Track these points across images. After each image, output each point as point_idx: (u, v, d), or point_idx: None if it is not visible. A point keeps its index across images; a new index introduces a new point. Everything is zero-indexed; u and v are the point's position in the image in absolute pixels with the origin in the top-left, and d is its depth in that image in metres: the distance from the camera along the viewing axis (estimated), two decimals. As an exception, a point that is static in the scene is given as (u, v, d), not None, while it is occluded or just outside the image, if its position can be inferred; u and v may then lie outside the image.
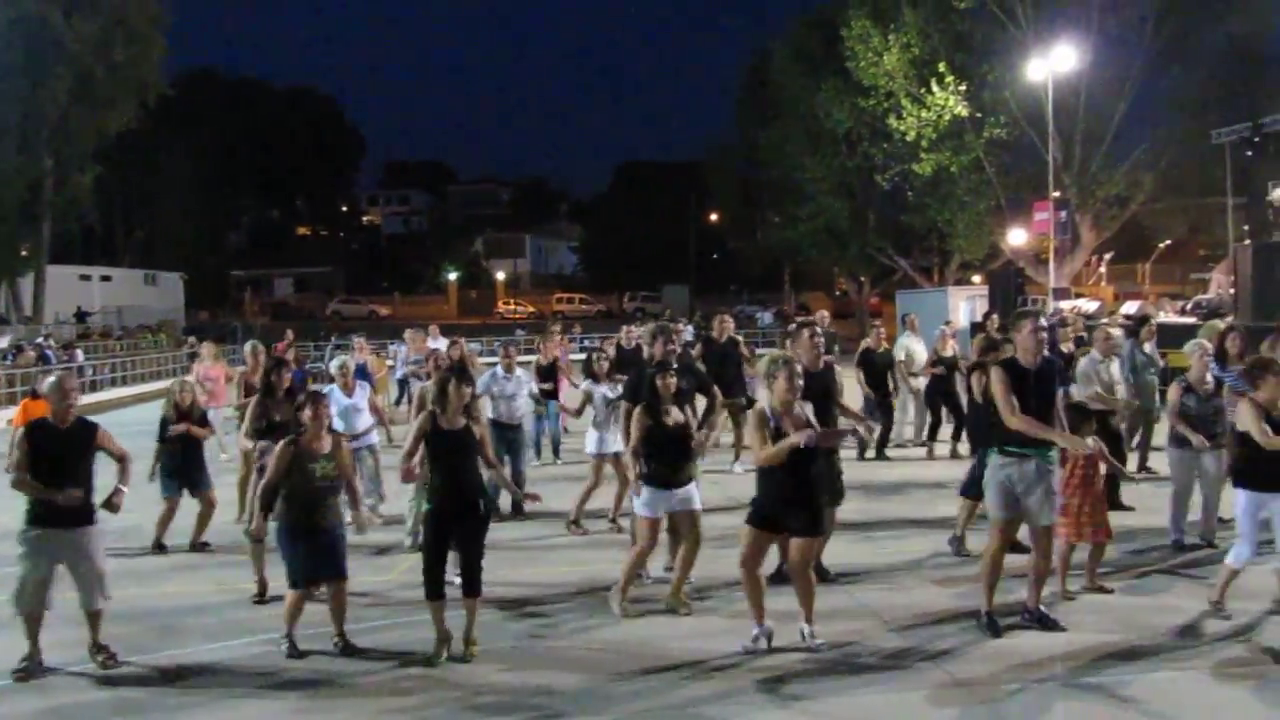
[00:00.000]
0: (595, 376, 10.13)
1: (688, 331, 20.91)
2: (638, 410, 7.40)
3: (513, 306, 70.49)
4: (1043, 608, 6.74)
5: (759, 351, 18.17)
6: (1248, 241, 22.86)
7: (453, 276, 77.15)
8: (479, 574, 6.47)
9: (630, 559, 7.33)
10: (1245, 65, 32.04)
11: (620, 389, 9.24)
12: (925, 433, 14.06)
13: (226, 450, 13.47)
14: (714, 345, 12.76)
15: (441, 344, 15.20)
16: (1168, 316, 22.27)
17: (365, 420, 10.26)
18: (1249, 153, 27.87)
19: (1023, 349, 6.62)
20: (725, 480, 12.05)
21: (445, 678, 6.11)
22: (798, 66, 42.65)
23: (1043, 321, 6.73)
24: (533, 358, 15.73)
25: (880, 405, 13.55)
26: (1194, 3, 32.29)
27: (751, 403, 14.05)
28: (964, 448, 11.98)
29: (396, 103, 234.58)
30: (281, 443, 6.75)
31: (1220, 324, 12.18)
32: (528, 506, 8.16)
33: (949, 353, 13.66)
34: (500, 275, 79.40)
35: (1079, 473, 7.38)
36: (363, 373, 12.69)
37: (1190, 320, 20.06)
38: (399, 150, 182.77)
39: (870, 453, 13.42)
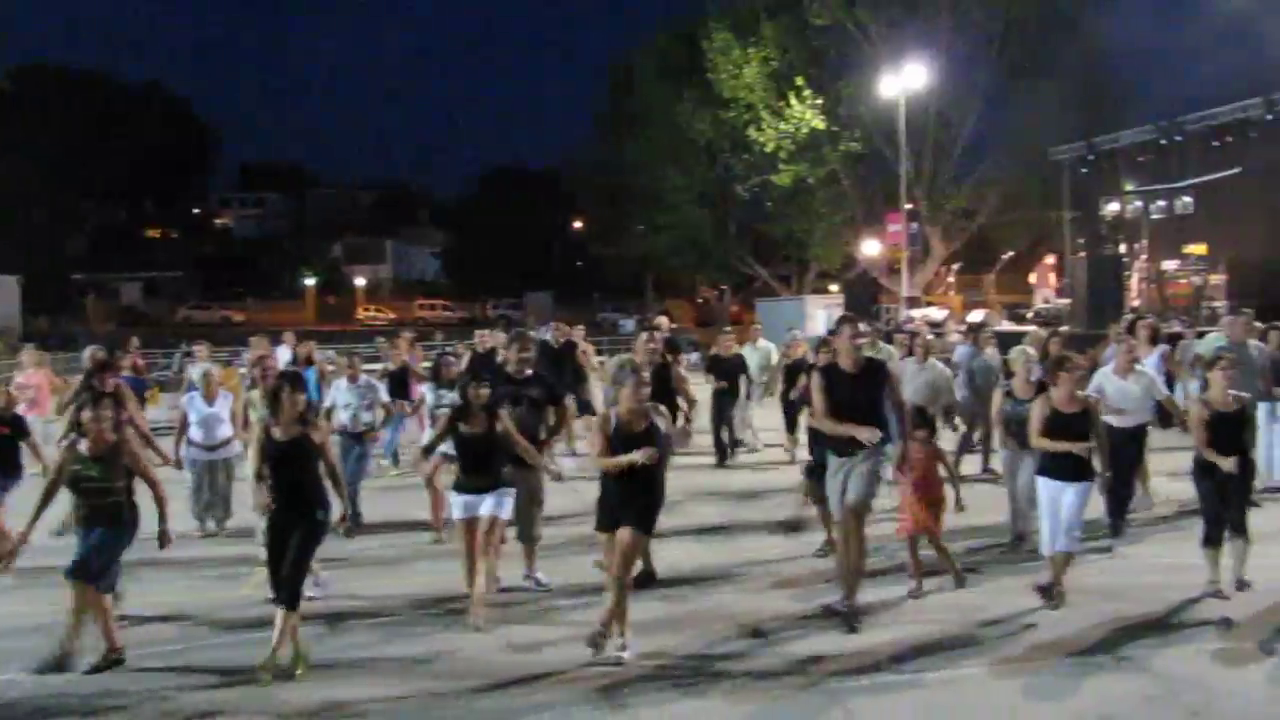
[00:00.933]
0: (441, 381, 9.90)
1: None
2: (444, 416, 7.55)
3: (373, 313, 69.10)
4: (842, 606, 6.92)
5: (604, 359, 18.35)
6: (1082, 254, 24.07)
7: (311, 282, 75.21)
8: (297, 587, 6.23)
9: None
10: (1081, 88, 33.73)
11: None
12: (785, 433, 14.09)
13: (44, 459, 12.73)
14: (549, 350, 12.89)
15: (287, 352, 14.77)
16: (1005, 324, 23.28)
17: (225, 430, 9.92)
18: (1084, 170, 29.42)
19: (843, 353, 6.88)
20: (586, 488, 11.98)
21: (263, 695, 5.87)
22: (660, 77, 43.01)
23: (862, 327, 7.00)
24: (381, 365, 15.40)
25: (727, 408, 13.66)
26: (1034, 29, 33.86)
27: (586, 407, 14.13)
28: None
29: (252, 102, 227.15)
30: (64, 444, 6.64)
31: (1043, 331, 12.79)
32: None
33: (799, 355, 13.79)
34: (361, 281, 77.80)
35: (915, 471, 7.54)
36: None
37: (1028, 328, 20.98)
38: (255, 151, 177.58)
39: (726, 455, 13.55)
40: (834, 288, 43.39)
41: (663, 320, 14.82)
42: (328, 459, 6.50)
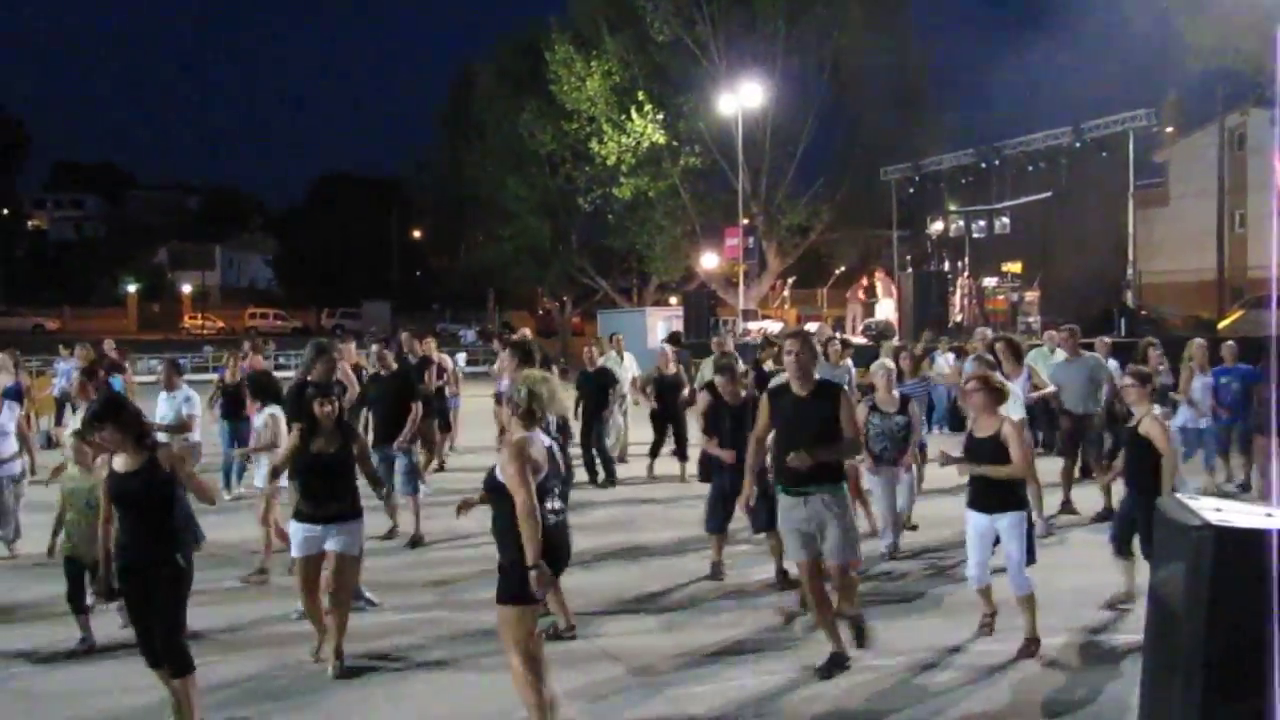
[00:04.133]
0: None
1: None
2: (292, 434, 6.70)
3: (200, 322, 66.49)
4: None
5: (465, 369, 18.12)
6: (908, 271, 25.19)
7: (132, 288, 71.80)
8: (172, 647, 5.23)
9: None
10: (908, 111, 35.31)
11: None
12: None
13: None
14: (405, 368, 12.55)
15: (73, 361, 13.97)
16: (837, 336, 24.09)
17: (10, 446, 9.27)
18: (910, 190, 30.78)
19: (792, 371, 6.25)
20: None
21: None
22: (502, 86, 42.89)
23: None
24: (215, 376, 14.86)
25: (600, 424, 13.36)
26: (858, 53, 35.23)
27: (443, 419, 13.95)
28: (692, 468, 11.79)
29: (67, 99, 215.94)
30: None
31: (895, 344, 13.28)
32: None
33: (671, 371, 13.68)
34: (187, 288, 74.73)
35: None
36: (15, 393, 11.50)
37: (862, 341, 21.81)
38: (71, 150, 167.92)
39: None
40: (674, 300, 44.06)
41: (525, 332, 14.78)
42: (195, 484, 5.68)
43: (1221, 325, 23.54)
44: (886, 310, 26.47)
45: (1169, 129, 36.94)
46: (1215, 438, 11.33)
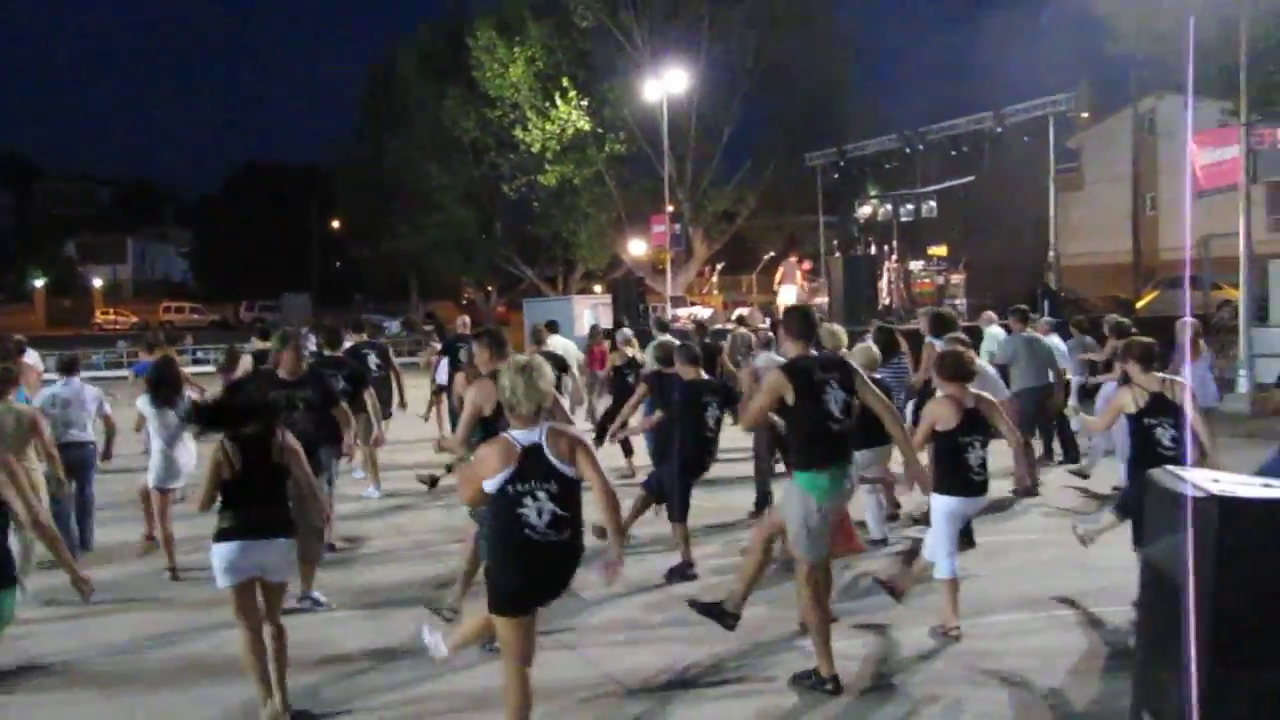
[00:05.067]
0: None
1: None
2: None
3: (113, 317, 64.65)
4: None
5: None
6: (838, 254, 25.37)
7: (40, 283, 69.54)
8: None
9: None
10: (832, 97, 35.57)
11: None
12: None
13: None
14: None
15: None
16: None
17: None
18: (835, 175, 31.01)
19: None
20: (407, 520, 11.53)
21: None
22: (424, 73, 42.29)
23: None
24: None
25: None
26: (783, 39, 35.39)
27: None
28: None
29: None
30: None
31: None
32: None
33: (631, 355, 13.37)
34: (98, 282, 72.62)
35: None
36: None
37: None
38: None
39: None
40: (598, 288, 43.87)
41: (465, 320, 14.52)
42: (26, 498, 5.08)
43: (1139, 305, 24.12)
44: (789, 297, 26.45)
45: (1083, 115, 37.72)
46: None
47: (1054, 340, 11.84)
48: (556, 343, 14.37)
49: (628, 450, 12.84)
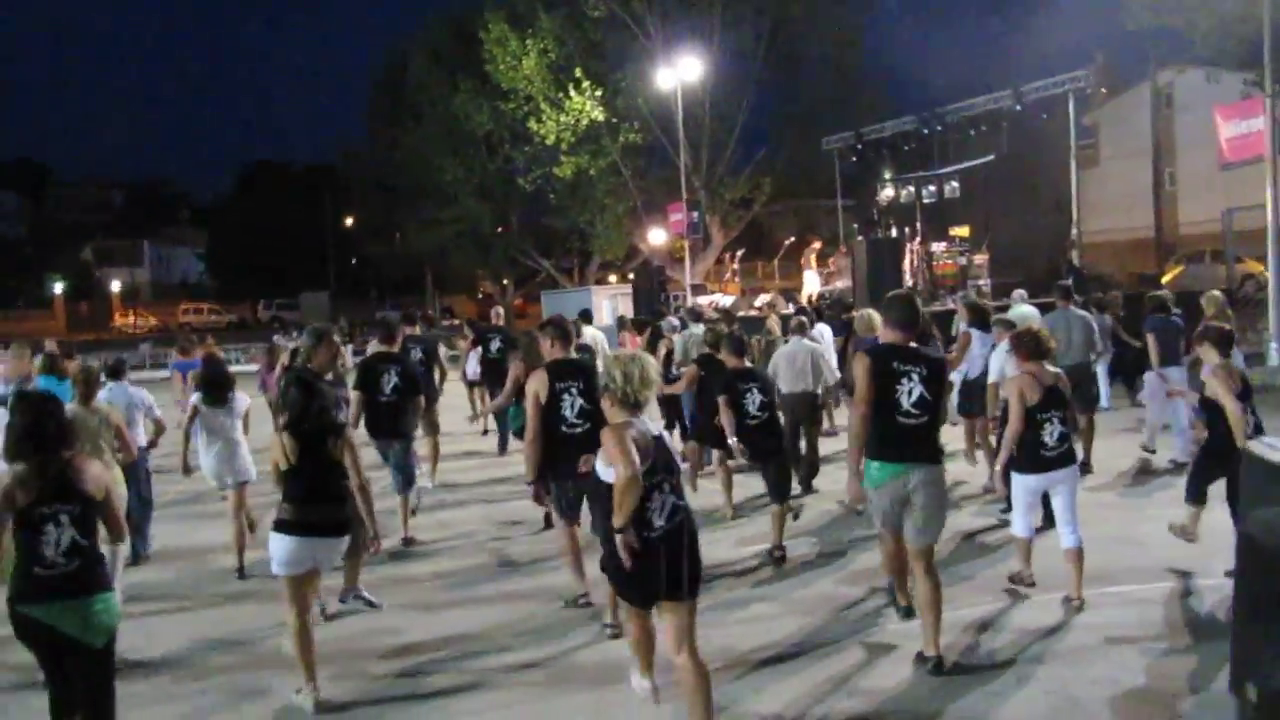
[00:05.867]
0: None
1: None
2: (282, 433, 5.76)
3: (132, 320, 64.99)
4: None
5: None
6: (860, 238, 25.31)
7: (59, 288, 69.91)
8: None
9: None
10: (846, 80, 35.45)
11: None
12: None
13: None
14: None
15: None
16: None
17: None
18: (853, 159, 30.93)
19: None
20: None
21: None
22: (435, 68, 42.29)
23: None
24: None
25: None
26: (796, 24, 35.29)
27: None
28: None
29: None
30: None
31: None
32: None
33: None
34: (116, 286, 72.96)
35: None
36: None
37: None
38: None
39: None
40: (613, 279, 43.83)
41: (499, 310, 14.52)
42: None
43: (1164, 280, 24.03)
44: (812, 285, 26.48)
45: (1102, 90, 37.53)
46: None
47: (1091, 317, 11.81)
48: (588, 333, 14.41)
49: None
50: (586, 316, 14.73)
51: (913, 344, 5.82)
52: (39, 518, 4.42)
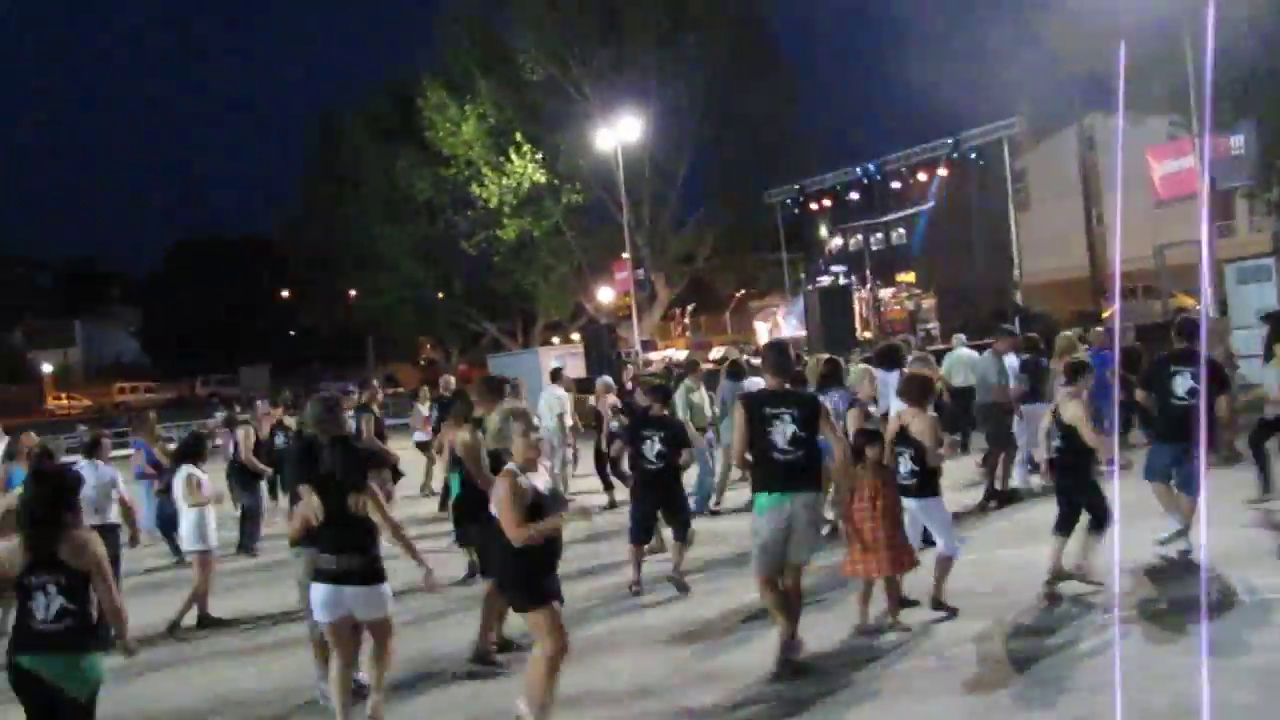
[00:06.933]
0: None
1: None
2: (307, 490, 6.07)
3: (65, 402, 63.52)
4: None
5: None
6: (811, 287, 25.70)
7: (-13, 372, 68.30)
8: None
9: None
10: (784, 135, 36.09)
11: None
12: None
13: None
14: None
15: None
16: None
17: None
18: (796, 210, 31.45)
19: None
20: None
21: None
22: (373, 136, 42.21)
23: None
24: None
25: None
26: (729, 84, 35.87)
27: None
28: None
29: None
30: None
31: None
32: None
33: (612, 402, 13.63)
34: (47, 368, 71.36)
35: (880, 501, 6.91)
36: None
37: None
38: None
39: None
40: (555, 340, 43.78)
41: (449, 379, 14.49)
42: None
43: (1104, 316, 24.66)
44: (764, 337, 26.83)
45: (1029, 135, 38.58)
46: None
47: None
48: (552, 395, 14.43)
49: (608, 485, 13.01)
50: (555, 376, 14.73)
51: (788, 386, 6.64)
52: (30, 585, 4.78)
